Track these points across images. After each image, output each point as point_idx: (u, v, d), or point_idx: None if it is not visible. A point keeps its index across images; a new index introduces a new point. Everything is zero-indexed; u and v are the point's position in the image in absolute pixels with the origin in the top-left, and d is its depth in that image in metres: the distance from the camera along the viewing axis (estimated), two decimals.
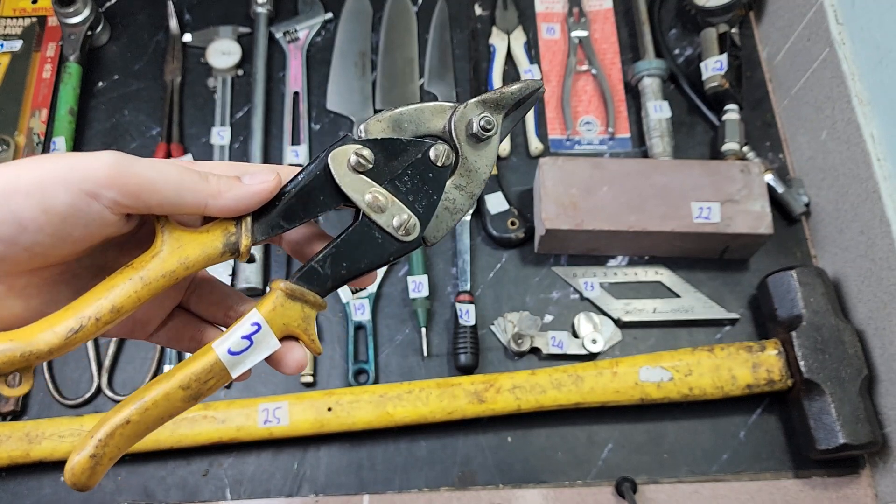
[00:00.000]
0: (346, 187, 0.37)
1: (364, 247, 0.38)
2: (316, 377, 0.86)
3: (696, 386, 0.79)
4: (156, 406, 0.35)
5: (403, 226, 0.38)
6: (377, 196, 0.37)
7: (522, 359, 0.87)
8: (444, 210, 0.39)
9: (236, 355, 0.35)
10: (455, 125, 0.39)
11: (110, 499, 0.80)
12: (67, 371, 0.87)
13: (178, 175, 0.33)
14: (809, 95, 0.93)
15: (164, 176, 0.33)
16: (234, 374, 0.36)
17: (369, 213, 0.37)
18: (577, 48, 1.05)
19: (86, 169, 0.31)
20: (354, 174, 0.37)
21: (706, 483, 0.81)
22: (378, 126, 0.38)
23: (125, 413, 0.34)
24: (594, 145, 1.00)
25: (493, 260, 0.92)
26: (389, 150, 0.38)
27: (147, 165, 0.33)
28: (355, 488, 0.81)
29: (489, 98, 0.40)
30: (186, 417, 0.79)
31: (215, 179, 0.34)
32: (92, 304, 0.34)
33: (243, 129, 1.00)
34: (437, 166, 0.39)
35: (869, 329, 0.81)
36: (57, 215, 0.31)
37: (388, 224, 0.38)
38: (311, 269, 0.37)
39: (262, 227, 0.37)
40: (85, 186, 0.31)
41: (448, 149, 0.39)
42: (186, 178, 0.34)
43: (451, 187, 0.40)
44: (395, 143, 0.38)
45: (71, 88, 0.99)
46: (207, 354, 0.35)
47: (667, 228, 0.85)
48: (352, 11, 1.08)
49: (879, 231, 0.79)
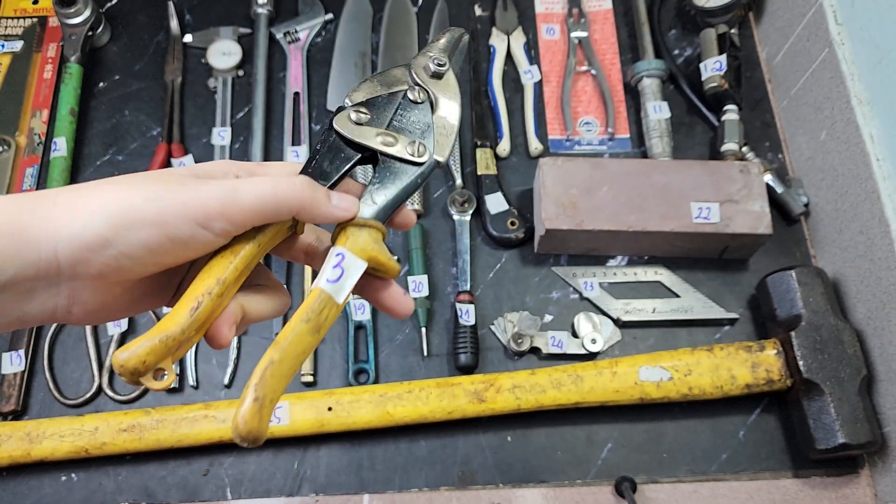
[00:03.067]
0: (357, 137, 0.44)
1: (394, 177, 0.44)
2: (316, 377, 0.86)
3: (696, 386, 0.80)
4: (288, 342, 0.38)
5: (416, 150, 0.45)
6: (385, 136, 0.45)
7: (522, 359, 0.87)
8: (439, 135, 0.46)
9: (335, 283, 0.40)
10: (416, 73, 0.48)
11: (110, 499, 0.80)
12: (68, 371, 0.87)
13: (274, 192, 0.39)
14: (809, 96, 0.93)
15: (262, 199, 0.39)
16: (339, 299, 0.40)
17: (385, 150, 0.44)
18: (577, 49, 1.05)
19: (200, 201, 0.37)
20: (359, 126, 0.45)
21: (705, 483, 0.81)
22: (359, 94, 0.46)
23: (267, 357, 0.37)
24: (594, 145, 1.00)
25: (493, 260, 0.92)
26: (377, 105, 0.46)
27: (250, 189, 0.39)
28: (355, 488, 0.81)
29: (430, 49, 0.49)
30: (187, 417, 0.79)
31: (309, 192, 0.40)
32: (201, 285, 0.39)
33: (244, 130, 1.00)
34: (418, 103, 0.47)
35: (868, 329, 0.81)
36: (179, 243, 0.37)
37: (403, 153, 0.45)
38: (363, 203, 0.43)
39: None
40: (200, 220, 0.37)
41: (420, 89, 0.47)
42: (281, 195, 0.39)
43: (437, 118, 0.47)
44: (379, 98, 0.46)
45: (72, 89, 0.99)
46: (313, 291, 0.40)
47: (666, 228, 0.86)
48: (352, 12, 1.08)
49: (878, 231, 0.79)
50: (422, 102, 0.47)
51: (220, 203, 0.38)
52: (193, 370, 0.86)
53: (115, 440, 0.78)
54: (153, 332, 0.37)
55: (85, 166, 0.98)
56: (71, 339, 0.88)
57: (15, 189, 0.96)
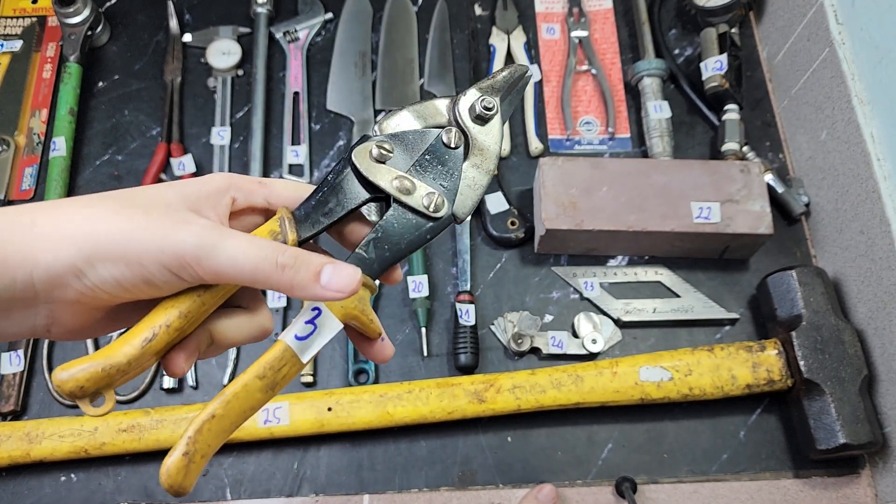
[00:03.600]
0: (372, 177, 0.40)
1: (401, 229, 0.40)
2: (316, 377, 0.86)
3: (696, 386, 0.80)
4: (237, 398, 0.36)
5: (433, 203, 0.41)
6: (403, 180, 0.40)
7: (522, 359, 0.87)
8: (466, 187, 0.42)
9: (303, 340, 0.38)
10: (459, 111, 0.43)
11: (110, 499, 0.80)
12: None
13: (254, 266, 0.36)
14: (809, 95, 0.93)
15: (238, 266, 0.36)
16: (304, 358, 0.38)
17: (399, 197, 0.40)
18: (577, 48, 1.05)
19: (175, 250, 0.35)
20: (378, 164, 0.40)
21: (706, 483, 0.81)
22: (391, 123, 0.42)
23: (210, 409, 0.36)
24: (594, 145, 1.00)
25: (493, 260, 0.92)
26: (405, 142, 0.42)
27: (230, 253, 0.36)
28: (355, 488, 0.81)
29: (484, 84, 0.44)
30: (187, 418, 0.79)
31: (291, 273, 0.36)
32: (162, 315, 0.37)
33: (243, 129, 1.00)
34: (451, 148, 0.42)
35: (869, 329, 0.81)
36: (151, 284, 0.36)
37: (419, 203, 0.40)
38: (357, 255, 0.40)
39: (304, 226, 0.40)
40: (173, 268, 0.36)
41: (458, 131, 0.42)
42: (260, 269, 0.36)
43: (468, 167, 0.42)
44: (410, 134, 0.42)
45: (71, 88, 0.99)
46: (277, 344, 0.38)
47: (667, 228, 0.85)
48: (352, 11, 1.08)
49: (879, 231, 0.79)
50: (455, 148, 0.42)
51: (195, 256, 0.35)
52: (193, 371, 0.86)
53: (115, 440, 0.78)
54: (97, 357, 0.35)
55: (84, 166, 0.98)
56: None
57: (14, 188, 0.96)
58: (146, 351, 0.36)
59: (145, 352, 0.36)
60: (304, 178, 0.97)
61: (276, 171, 0.98)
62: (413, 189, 0.41)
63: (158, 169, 0.96)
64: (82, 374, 0.35)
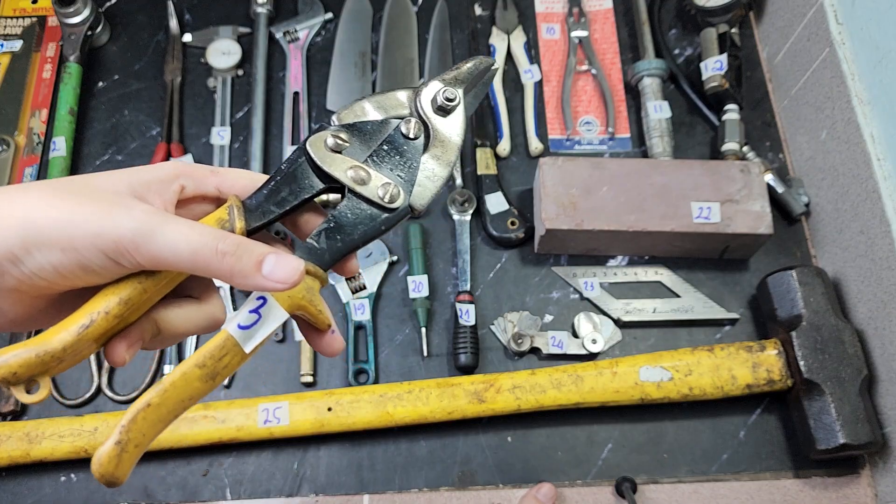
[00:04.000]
0: (326, 166, 0.39)
1: (355, 219, 0.40)
2: (316, 377, 0.86)
3: (696, 386, 0.80)
4: (174, 387, 0.35)
5: (388, 194, 0.40)
6: (359, 171, 0.40)
7: (522, 359, 0.87)
8: (424, 178, 0.41)
9: (246, 329, 0.37)
10: (421, 102, 0.42)
11: (110, 499, 0.80)
12: (67, 371, 0.86)
13: (193, 252, 0.35)
14: (809, 95, 0.93)
15: (177, 252, 0.35)
16: (247, 348, 0.37)
17: (353, 187, 0.39)
18: (577, 48, 1.05)
19: (112, 236, 0.34)
20: (333, 154, 0.39)
21: (706, 483, 0.81)
22: (350, 113, 0.41)
23: (145, 398, 0.35)
24: (594, 145, 1.00)
25: (493, 260, 0.92)
26: (363, 132, 0.41)
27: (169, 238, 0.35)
28: (355, 488, 0.81)
29: (448, 75, 0.43)
30: (186, 417, 0.79)
31: (231, 260, 0.35)
32: (101, 302, 0.35)
33: (243, 129, 1.00)
34: (410, 138, 0.41)
35: (869, 329, 0.81)
36: (89, 270, 0.35)
37: (374, 194, 0.40)
38: (307, 245, 0.39)
39: (254, 215, 0.39)
40: (110, 254, 0.35)
41: (418, 122, 0.42)
42: (200, 256, 0.35)
43: (427, 158, 0.42)
44: (368, 124, 0.41)
45: (71, 88, 0.99)
46: (220, 334, 0.37)
47: (667, 228, 0.85)
48: (352, 11, 1.08)
49: (879, 231, 0.79)
50: (415, 139, 0.41)
51: (133, 241, 0.34)
52: None
53: None
54: (32, 343, 0.34)
55: (84, 166, 0.98)
56: None
57: None
58: (82, 338, 0.35)
59: (81, 339, 0.35)
60: None
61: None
62: (368, 179, 0.40)
63: None
64: (15, 360, 0.34)
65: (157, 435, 0.35)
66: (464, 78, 0.44)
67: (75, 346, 0.35)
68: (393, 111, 0.42)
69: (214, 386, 0.37)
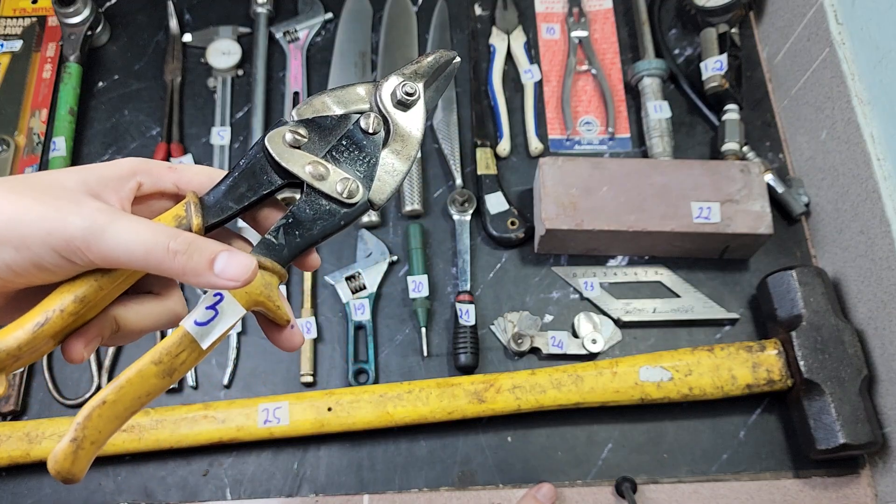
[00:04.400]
0: (285, 162, 0.39)
1: (314, 215, 0.39)
2: (316, 377, 0.86)
3: (696, 386, 0.80)
4: (130, 384, 0.35)
5: (347, 189, 0.40)
6: (317, 166, 0.39)
7: (522, 359, 0.87)
8: (384, 174, 0.41)
9: (203, 325, 0.36)
10: (381, 97, 0.42)
11: (110, 499, 0.80)
12: (67, 371, 0.87)
13: (145, 251, 0.35)
14: (809, 95, 0.93)
15: (129, 250, 0.35)
16: (204, 344, 0.36)
17: (312, 182, 0.39)
18: (577, 48, 1.05)
19: (63, 234, 0.34)
20: (292, 150, 0.39)
21: (706, 483, 0.81)
22: (309, 108, 0.41)
23: (101, 395, 0.35)
24: (594, 145, 1.00)
25: (493, 260, 0.92)
26: (322, 127, 0.41)
27: (120, 236, 0.35)
28: (355, 488, 0.81)
29: (408, 69, 0.43)
30: (186, 417, 0.79)
31: (183, 259, 0.35)
32: (56, 300, 0.35)
33: (243, 129, 1.00)
34: (370, 133, 0.41)
35: (869, 329, 0.81)
36: (42, 268, 0.35)
37: (332, 189, 0.40)
38: (265, 240, 0.39)
39: (212, 211, 0.39)
40: (62, 252, 0.34)
41: (377, 117, 0.41)
42: (152, 254, 0.35)
43: (387, 153, 0.41)
44: (327, 119, 0.41)
45: (71, 88, 0.99)
46: (177, 330, 0.36)
47: (667, 228, 0.85)
48: (352, 11, 1.08)
49: (879, 231, 0.79)
50: (374, 133, 0.41)
51: (85, 240, 0.34)
52: (193, 370, 0.86)
53: (115, 440, 0.78)
54: None
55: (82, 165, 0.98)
56: None
57: None
58: (38, 335, 0.34)
59: (37, 336, 0.34)
60: None
61: None
62: (327, 175, 0.40)
63: None
64: None
65: (114, 432, 0.35)
66: (424, 72, 0.43)
67: (31, 344, 0.34)
68: (353, 106, 0.42)
69: (172, 382, 0.36)
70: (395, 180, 0.41)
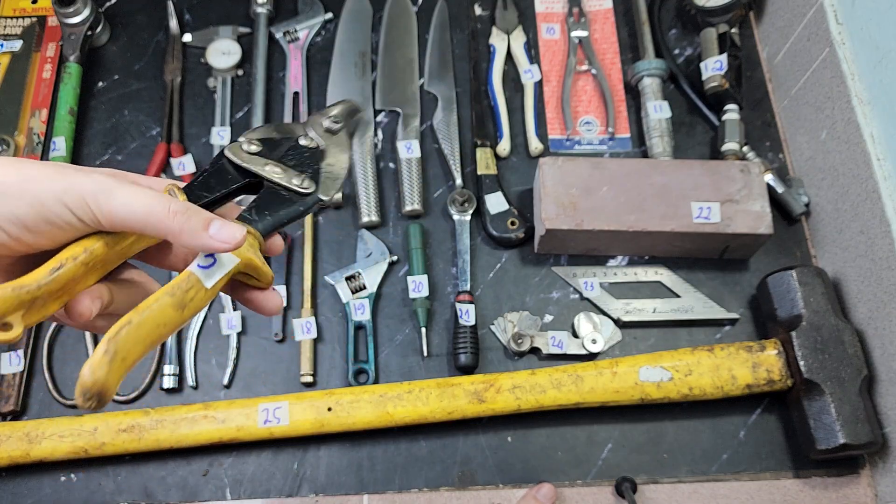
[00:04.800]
0: (245, 163, 0.46)
1: (277, 202, 0.46)
2: (316, 377, 0.86)
3: (696, 386, 0.80)
4: (150, 310, 0.38)
5: (302, 183, 0.47)
6: (273, 167, 0.47)
7: (522, 359, 0.87)
8: (326, 178, 0.48)
9: (206, 269, 0.41)
10: (312, 127, 0.51)
11: (110, 499, 0.80)
12: (68, 371, 0.87)
13: (147, 210, 0.39)
14: (809, 95, 0.93)
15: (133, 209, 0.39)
16: (208, 284, 0.41)
17: (272, 178, 0.46)
18: (577, 48, 1.05)
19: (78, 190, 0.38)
20: (251, 156, 0.47)
21: (706, 483, 0.81)
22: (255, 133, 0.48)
23: (126, 318, 0.38)
24: (594, 145, 1.00)
25: (493, 260, 0.92)
26: (271, 143, 0.48)
27: (126, 197, 0.39)
28: (355, 488, 0.81)
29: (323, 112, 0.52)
30: (186, 417, 0.79)
31: (182, 218, 0.40)
32: (69, 251, 0.39)
33: (243, 129, 1.00)
34: (310, 147, 0.49)
35: (869, 329, 0.81)
36: (52, 224, 0.38)
37: (290, 182, 0.46)
38: (241, 216, 0.45)
39: (191, 197, 0.44)
40: (73, 206, 0.38)
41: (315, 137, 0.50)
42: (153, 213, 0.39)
43: (325, 164, 0.49)
44: (273, 139, 0.49)
45: (71, 88, 0.99)
46: (183, 272, 0.41)
47: (667, 228, 0.85)
48: (352, 11, 1.08)
49: (879, 231, 0.79)
50: (313, 148, 0.49)
51: (95, 197, 0.38)
52: (193, 371, 0.86)
53: (115, 440, 0.78)
54: (7, 283, 0.37)
55: (85, 166, 0.98)
56: (70, 339, 0.88)
57: None
58: (56, 280, 0.38)
59: (55, 280, 0.38)
60: None
61: None
62: (283, 173, 0.47)
63: (158, 169, 0.96)
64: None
65: (138, 358, 0.38)
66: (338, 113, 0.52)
67: (48, 287, 0.38)
68: (290, 134, 0.50)
69: (183, 318, 0.40)
70: (336, 183, 0.48)
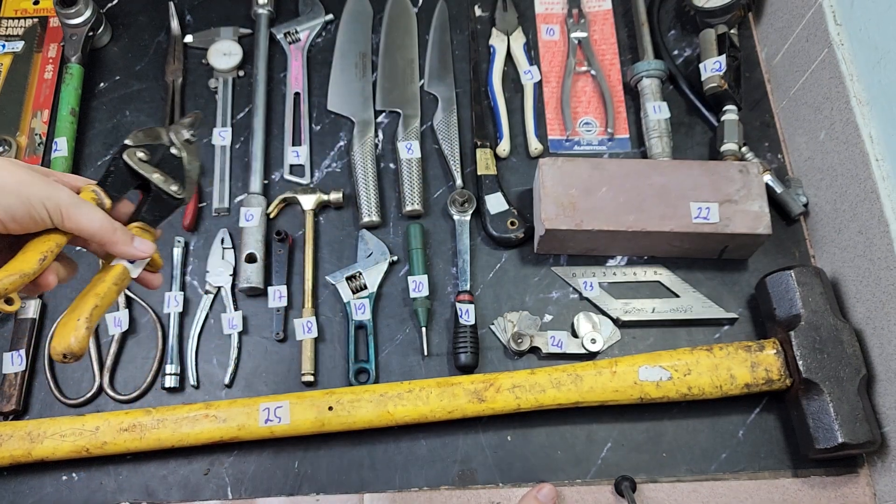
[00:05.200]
0: (141, 171, 0.60)
1: (161, 205, 0.62)
2: (317, 376, 0.86)
3: (695, 385, 0.80)
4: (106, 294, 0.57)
5: (178, 190, 0.62)
6: (158, 175, 0.61)
7: (522, 358, 0.87)
8: (188, 182, 0.63)
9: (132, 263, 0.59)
10: (176, 137, 0.63)
11: (111, 498, 0.81)
12: (69, 370, 0.87)
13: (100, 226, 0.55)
14: (808, 96, 0.93)
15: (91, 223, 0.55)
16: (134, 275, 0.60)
17: (161, 186, 0.61)
18: (577, 49, 1.05)
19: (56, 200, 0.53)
20: (143, 163, 0.60)
21: (705, 482, 0.81)
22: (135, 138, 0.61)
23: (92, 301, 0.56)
24: (593, 146, 1.00)
25: (493, 260, 0.93)
26: (154, 151, 0.62)
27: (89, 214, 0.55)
28: (355, 487, 0.81)
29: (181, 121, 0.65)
30: (188, 417, 0.79)
31: (119, 234, 0.57)
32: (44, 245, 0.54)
33: (244, 130, 1.00)
34: (177, 157, 0.63)
35: (867, 328, 0.81)
36: (32, 218, 0.53)
37: (171, 190, 0.61)
38: (142, 217, 0.61)
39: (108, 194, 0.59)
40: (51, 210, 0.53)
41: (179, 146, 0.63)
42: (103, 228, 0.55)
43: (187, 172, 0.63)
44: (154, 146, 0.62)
45: (72, 89, 0.99)
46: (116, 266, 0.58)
47: (666, 228, 0.86)
48: (352, 13, 1.09)
49: (878, 231, 0.79)
50: (180, 158, 0.63)
51: (67, 208, 0.53)
52: (194, 370, 0.86)
53: (116, 440, 0.78)
54: (12, 269, 0.52)
55: (85, 166, 0.98)
56: None
57: None
58: (41, 267, 0.53)
59: (41, 267, 0.53)
60: (305, 179, 0.97)
61: (277, 171, 0.98)
62: (164, 181, 0.61)
63: None
64: (8, 279, 0.51)
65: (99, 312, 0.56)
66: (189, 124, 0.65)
67: (37, 273, 0.53)
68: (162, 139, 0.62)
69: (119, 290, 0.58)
70: (194, 187, 0.64)
